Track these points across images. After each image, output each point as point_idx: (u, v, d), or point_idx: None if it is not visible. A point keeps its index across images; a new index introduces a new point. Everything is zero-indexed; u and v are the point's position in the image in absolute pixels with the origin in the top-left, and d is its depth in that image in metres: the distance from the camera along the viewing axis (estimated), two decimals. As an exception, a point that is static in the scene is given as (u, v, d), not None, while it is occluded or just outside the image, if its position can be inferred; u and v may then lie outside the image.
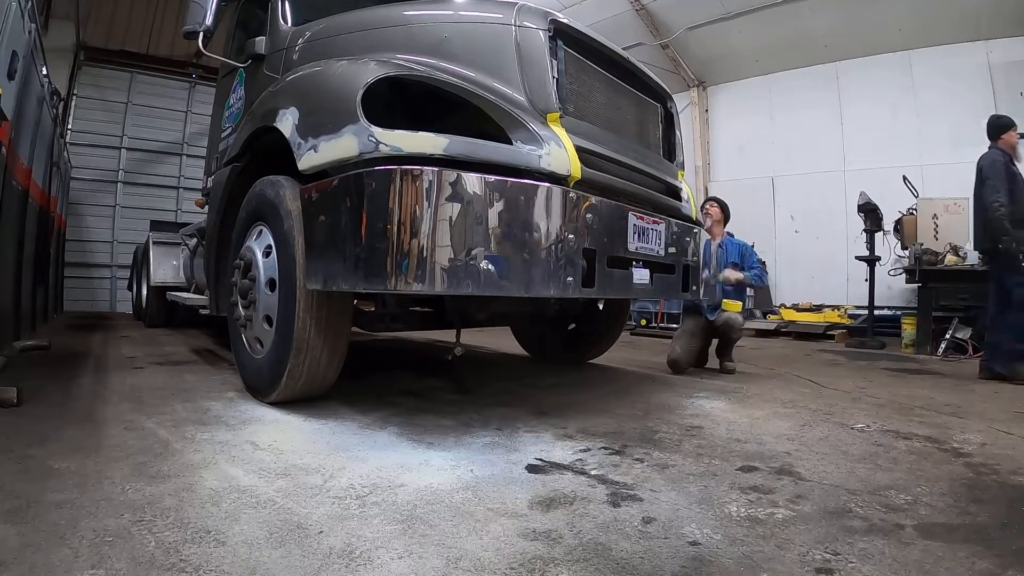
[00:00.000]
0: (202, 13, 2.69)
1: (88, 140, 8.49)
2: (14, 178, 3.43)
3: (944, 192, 5.90)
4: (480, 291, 1.78)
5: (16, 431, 1.81)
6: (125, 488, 1.39)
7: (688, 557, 1.14)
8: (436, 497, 1.41)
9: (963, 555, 1.16)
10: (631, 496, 1.46)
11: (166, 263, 5.71)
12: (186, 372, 3.12)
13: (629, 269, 2.28)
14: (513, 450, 1.84)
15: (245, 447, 1.76)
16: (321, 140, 1.96)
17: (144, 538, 1.13)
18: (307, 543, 1.15)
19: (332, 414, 2.21)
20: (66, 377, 2.82)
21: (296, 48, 2.71)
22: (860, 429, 2.23)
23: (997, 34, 6.60)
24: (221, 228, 2.86)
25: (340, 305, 2.16)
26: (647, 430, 2.13)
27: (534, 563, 1.10)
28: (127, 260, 7.58)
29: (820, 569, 1.10)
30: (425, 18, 2.41)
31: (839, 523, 1.32)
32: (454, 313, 2.69)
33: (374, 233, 1.74)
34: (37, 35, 3.74)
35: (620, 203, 2.23)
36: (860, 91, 7.48)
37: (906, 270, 5.61)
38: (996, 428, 2.31)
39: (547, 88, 2.13)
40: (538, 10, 2.24)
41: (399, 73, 2.02)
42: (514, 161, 1.92)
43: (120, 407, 2.23)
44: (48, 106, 4.79)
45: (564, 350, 3.88)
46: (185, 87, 9.26)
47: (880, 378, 3.39)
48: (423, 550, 1.14)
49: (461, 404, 2.50)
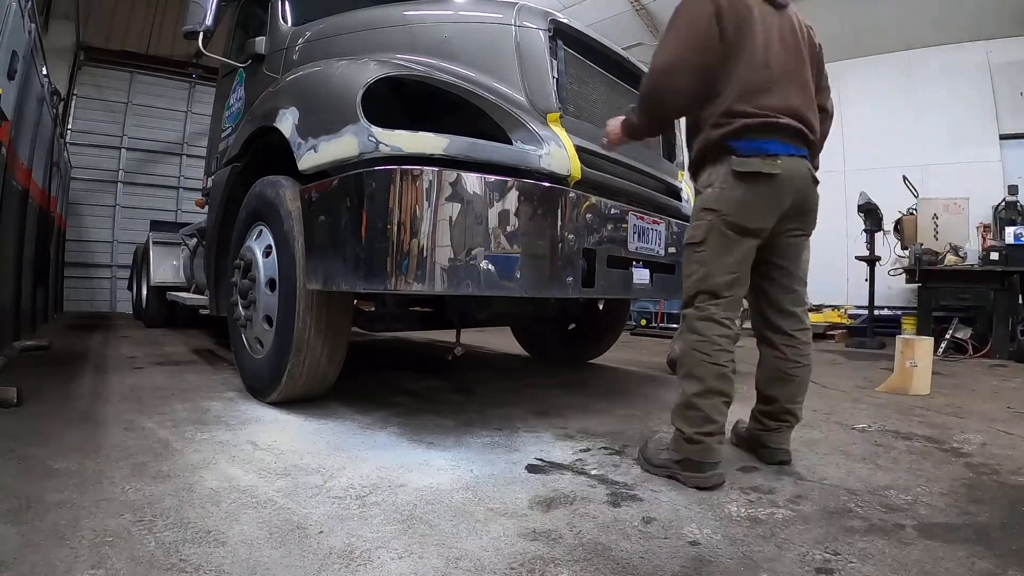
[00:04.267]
0: (202, 13, 2.69)
1: (88, 140, 8.48)
2: (14, 178, 3.43)
3: (944, 192, 5.90)
4: (480, 291, 1.78)
5: (16, 431, 1.81)
6: (125, 488, 1.39)
7: (688, 557, 1.14)
8: (436, 497, 1.41)
9: (963, 555, 1.16)
10: (631, 496, 1.46)
11: (166, 263, 5.71)
12: (186, 372, 3.12)
13: (629, 269, 2.28)
14: (513, 450, 1.84)
15: (245, 447, 1.76)
16: (321, 140, 1.96)
17: (144, 538, 1.14)
18: (307, 543, 1.15)
19: (332, 414, 2.21)
20: (66, 377, 2.82)
21: (296, 48, 2.71)
22: (860, 429, 2.23)
23: (997, 34, 6.60)
24: (221, 228, 2.86)
25: (340, 305, 2.16)
26: (647, 430, 2.12)
27: (534, 563, 1.10)
28: (127, 260, 7.57)
29: (820, 569, 1.10)
30: (425, 18, 2.41)
31: (839, 523, 1.32)
32: (454, 313, 2.69)
33: (374, 233, 1.74)
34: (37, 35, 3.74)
35: (620, 203, 2.23)
36: (860, 91, 7.47)
37: (906, 270, 5.61)
38: (996, 428, 2.31)
39: (547, 88, 2.13)
40: (538, 10, 2.24)
41: (399, 73, 2.02)
42: (514, 161, 1.92)
43: (120, 407, 2.23)
44: (48, 106, 4.79)
45: (564, 350, 3.88)
46: (185, 87, 9.24)
47: (880, 378, 3.39)
48: (423, 550, 1.14)
49: (461, 404, 2.50)
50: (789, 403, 1.75)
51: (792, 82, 1.65)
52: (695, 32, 1.61)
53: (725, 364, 1.58)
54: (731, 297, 1.62)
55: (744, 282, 1.66)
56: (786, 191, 1.61)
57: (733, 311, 1.63)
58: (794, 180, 1.62)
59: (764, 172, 1.58)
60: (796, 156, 1.63)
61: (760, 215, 1.61)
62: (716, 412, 1.56)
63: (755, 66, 1.60)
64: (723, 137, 1.63)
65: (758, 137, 1.59)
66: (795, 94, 1.65)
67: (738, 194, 1.60)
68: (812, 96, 1.72)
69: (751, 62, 1.60)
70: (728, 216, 1.60)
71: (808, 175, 1.68)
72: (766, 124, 1.59)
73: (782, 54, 1.64)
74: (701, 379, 1.56)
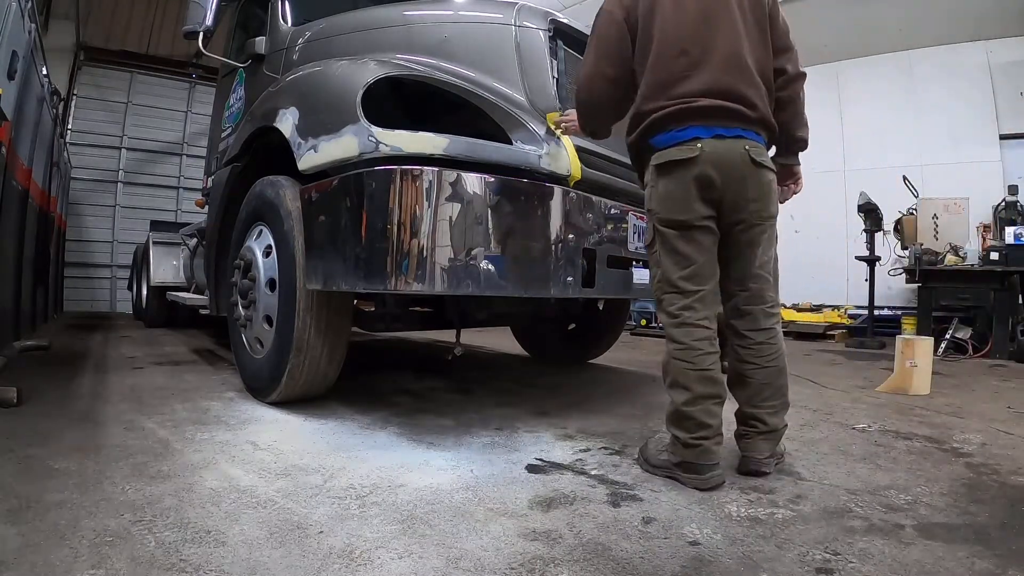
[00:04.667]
0: (202, 13, 2.69)
1: (88, 140, 8.48)
2: (14, 178, 3.43)
3: (944, 192, 5.89)
4: (480, 291, 1.78)
5: (16, 431, 1.81)
6: (125, 488, 1.39)
7: (688, 557, 1.14)
8: (436, 497, 1.41)
9: (963, 555, 1.16)
10: (631, 496, 1.46)
11: (166, 263, 5.70)
12: (186, 372, 3.12)
13: (629, 269, 2.28)
14: (513, 450, 1.84)
15: (245, 447, 1.76)
16: (321, 140, 1.96)
17: (144, 538, 1.14)
18: (307, 543, 1.15)
19: (332, 414, 2.21)
20: (66, 377, 2.82)
21: (296, 48, 2.71)
22: (860, 429, 2.23)
23: (997, 34, 6.60)
24: (221, 228, 2.86)
25: (340, 305, 2.16)
26: (647, 430, 2.13)
27: (534, 563, 1.10)
28: (127, 260, 7.57)
29: (820, 569, 1.10)
30: (425, 18, 2.41)
31: (839, 523, 1.32)
32: (454, 313, 2.69)
33: (374, 233, 1.74)
34: (37, 35, 3.74)
35: (620, 203, 2.23)
36: (860, 91, 7.47)
37: (906, 270, 5.61)
38: (996, 428, 2.31)
39: (547, 88, 2.13)
40: (538, 10, 2.24)
41: (399, 73, 2.02)
42: (514, 161, 1.92)
43: (120, 407, 2.23)
44: (48, 106, 4.79)
45: (564, 350, 3.88)
46: (185, 87, 9.24)
47: (880, 378, 3.39)
48: (423, 550, 1.14)
49: (461, 404, 2.50)
50: (748, 406, 1.65)
51: (717, 60, 1.54)
52: (605, 43, 1.66)
53: (709, 367, 1.54)
54: (696, 292, 1.56)
55: (706, 275, 1.58)
56: (708, 174, 1.51)
57: (708, 310, 1.57)
58: (719, 162, 1.51)
59: (677, 159, 1.52)
60: (726, 137, 1.52)
61: (685, 205, 1.54)
62: (708, 416, 1.52)
63: (666, 56, 1.56)
64: (640, 137, 1.62)
65: (673, 126, 1.54)
66: (721, 71, 1.53)
67: (661, 188, 1.58)
68: (748, 68, 1.56)
69: (661, 54, 1.57)
70: (659, 213, 1.59)
71: (742, 155, 1.53)
72: (680, 111, 1.53)
73: (704, 32, 1.55)
74: (687, 387, 1.53)
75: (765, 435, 1.63)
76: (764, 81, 1.60)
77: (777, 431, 1.64)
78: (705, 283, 1.58)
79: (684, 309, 1.56)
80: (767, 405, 1.63)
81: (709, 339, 1.57)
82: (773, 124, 1.62)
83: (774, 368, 1.64)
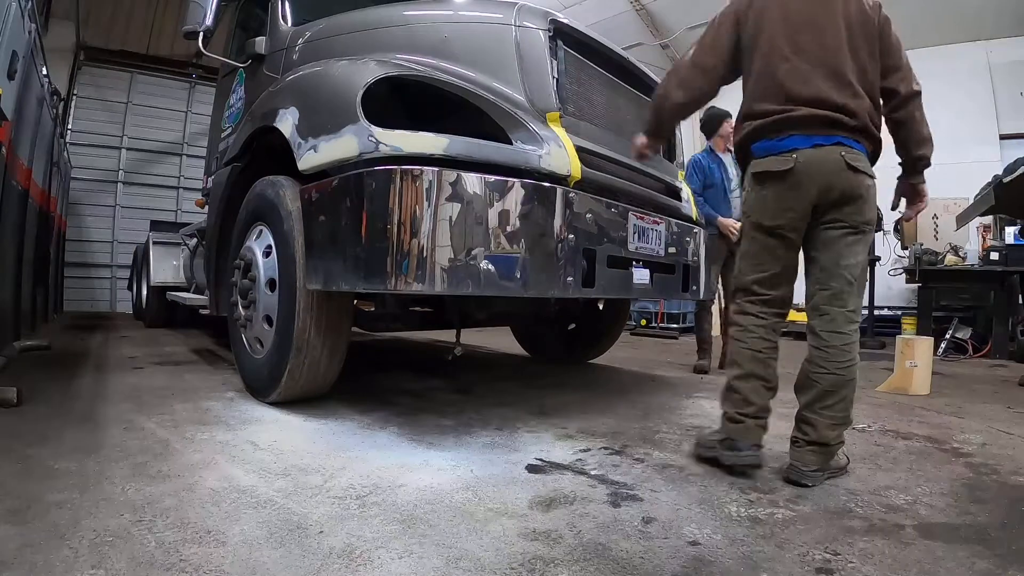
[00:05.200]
0: (202, 13, 2.69)
1: (88, 140, 8.47)
2: (14, 178, 3.43)
3: (944, 192, 5.89)
4: (480, 291, 1.78)
5: (16, 431, 1.81)
6: (125, 488, 1.39)
7: (688, 557, 1.14)
8: (436, 497, 1.41)
9: (963, 555, 1.16)
10: (631, 496, 1.46)
11: (166, 263, 5.70)
12: (186, 372, 3.12)
13: (629, 269, 2.28)
14: (513, 450, 1.84)
15: (245, 447, 1.76)
16: (321, 140, 1.96)
17: (144, 538, 1.14)
18: (307, 543, 1.15)
19: (332, 414, 2.21)
20: (66, 377, 2.82)
21: (296, 48, 2.71)
22: (860, 429, 2.23)
23: (997, 34, 6.61)
24: (221, 228, 2.86)
25: (340, 305, 2.16)
26: (647, 430, 2.13)
27: (534, 563, 1.10)
28: (127, 260, 7.57)
29: (820, 569, 1.10)
30: (425, 18, 2.41)
31: (839, 523, 1.32)
32: (454, 313, 2.69)
33: (374, 233, 1.74)
34: (37, 35, 3.74)
35: (620, 203, 2.23)
36: (860, 91, 7.47)
37: (906, 270, 5.62)
38: (996, 428, 2.31)
39: (547, 88, 2.13)
40: (538, 10, 2.24)
41: (399, 73, 2.02)
42: (514, 161, 1.92)
43: (120, 407, 2.22)
44: (48, 106, 4.79)
45: (564, 350, 3.88)
46: (185, 87, 9.24)
47: (880, 378, 3.39)
48: (423, 550, 1.13)
49: (461, 404, 2.50)
50: (806, 410, 1.62)
51: (821, 68, 1.58)
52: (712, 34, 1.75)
53: (761, 350, 1.66)
54: (768, 296, 1.70)
55: (778, 283, 1.70)
56: (805, 184, 1.57)
57: (773, 311, 1.70)
58: (816, 172, 1.56)
59: (774, 171, 1.60)
60: (823, 146, 1.56)
61: (778, 212, 1.63)
62: (755, 395, 1.64)
63: (773, 61, 1.63)
64: (742, 143, 1.72)
65: (772, 136, 1.62)
66: (823, 81, 1.57)
67: (756, 195, 1.68)
68: (849, 78, 1.58)
69: (768, 57, 1.64)
70: (751, 217, 1.70)
71: (837, 161, 1.56)
72: (780, 121, 1.60)
73: (811, 41, 1.60)
74: (740, 364, 1.68)
75: (813, 446, 1.58)
76: (868, 92, 1.62)
77: (828, 446, 1.59)
78: (775, 289, 1.70)
79: (751, 303, 1.72)
80: (826, 414, 1.59)
81: (765, 327, 1.69)
82: (876, 135, 1.65)
83: (843, 378, 1.60)
